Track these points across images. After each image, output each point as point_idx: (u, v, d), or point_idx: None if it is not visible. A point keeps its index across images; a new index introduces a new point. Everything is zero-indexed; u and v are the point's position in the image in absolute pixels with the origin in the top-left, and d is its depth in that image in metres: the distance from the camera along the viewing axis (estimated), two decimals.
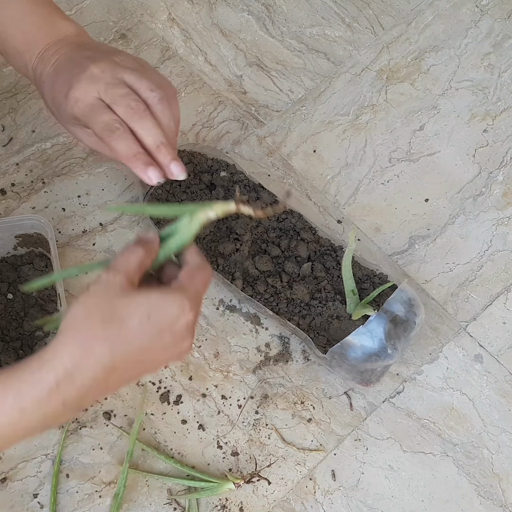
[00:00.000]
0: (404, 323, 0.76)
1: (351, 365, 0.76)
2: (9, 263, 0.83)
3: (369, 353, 0.74)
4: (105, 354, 0.49)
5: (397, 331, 0.76)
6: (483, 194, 0.93)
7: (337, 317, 0.77)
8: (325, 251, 0.82)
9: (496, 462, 0.80)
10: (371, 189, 0.93)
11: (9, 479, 0.75)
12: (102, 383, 0.50)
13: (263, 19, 1.02)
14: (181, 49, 0.99)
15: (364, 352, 0.74)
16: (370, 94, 0.98)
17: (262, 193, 0.83)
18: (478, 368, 0.84)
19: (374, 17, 1.03)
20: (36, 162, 0.90)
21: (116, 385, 0.53)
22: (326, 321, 0.78)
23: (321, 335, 0.78)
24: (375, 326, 0.74)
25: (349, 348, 0.75)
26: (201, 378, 0.81)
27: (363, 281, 0.79)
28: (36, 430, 0.51)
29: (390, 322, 0.75)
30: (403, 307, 0.76)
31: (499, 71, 1.00)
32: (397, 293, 0.76)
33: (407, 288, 0.78)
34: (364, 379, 0.78)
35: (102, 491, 0.76)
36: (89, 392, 0.50)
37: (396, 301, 0.76)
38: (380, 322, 0.74)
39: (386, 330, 0.75)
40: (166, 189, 0.82)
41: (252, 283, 0.80)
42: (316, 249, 0.82)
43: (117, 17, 0.99)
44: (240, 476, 0.76)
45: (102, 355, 0.49)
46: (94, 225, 0.88)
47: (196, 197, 0.82)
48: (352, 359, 0.75)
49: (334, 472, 0.79)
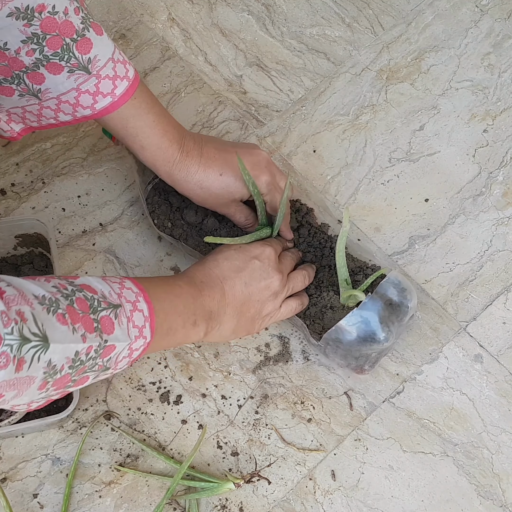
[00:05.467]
0: (397, 307, 0.77)
1: (345, 350, 0.76)
2: (9, 263, 0.83)
3: (364, 336, 0.75)
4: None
5: (391, 314, 0.76)
6: (483, 194, 0.93)
7: (331, 307, 0.77)
8: (320, 241, 0.82)
9: (496, 462, 0.80)
10: (371, 189, 0.93)
11: (9, 479, 0.75)
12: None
13: (263, 19, 1.02)
14: (181, 49, 0.99)
15: (358, 335, 0.75)
16: (370, 94, 0.98)
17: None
18: (478, 368, 0.84)
19: (374, 17, 1.03)
20: (36, 162, 0.90)
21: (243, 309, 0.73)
22: (320, 311, 0.78)
23: (316, 323, 0.78)
24: (369, 309, 0.75)
25: (344, 332, 0.75)
26: (201, 378, 0.81)
27: (356, 273, 0.79)
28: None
29: (384, 305, 0.76)
30: (396, 291, 0.77)
31: (499, 71, 1.00)
32: (389, 277, 0.77)
33: (399, 275, 0.79)
34: (359, 365, 0.78)
35: (102, 491, 0.76)
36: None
37: (389, 285, 0.77)
38: (374, 305, 0.75)
39: (380, 313, 0.75)
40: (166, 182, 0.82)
41: None
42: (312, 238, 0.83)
43: (117, 17, 0.99)
44: (240, 476, 0.76)
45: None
46: (94, 225, 0.88)
47: None
48: (346, 343, 0.75)
49: (334, 472, 0.79)
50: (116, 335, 0.58)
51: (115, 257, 0.86)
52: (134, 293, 0.61)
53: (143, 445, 0.77)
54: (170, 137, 0.75)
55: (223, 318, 0.71)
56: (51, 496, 0.75)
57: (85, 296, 0.57)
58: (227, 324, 0.72)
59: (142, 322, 0.60)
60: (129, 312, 0.59)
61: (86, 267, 0.85)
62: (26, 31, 0.63)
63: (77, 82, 0.68)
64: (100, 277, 0.60)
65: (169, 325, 0.64)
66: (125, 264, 0.86)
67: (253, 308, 0.73)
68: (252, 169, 0.76)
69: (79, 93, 0.68)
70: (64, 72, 0.67)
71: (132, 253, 0.87)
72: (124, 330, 0.58)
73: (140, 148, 0.75)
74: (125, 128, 0.73)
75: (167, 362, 0.81)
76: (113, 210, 0.89)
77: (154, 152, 0.75)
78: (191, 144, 0.76)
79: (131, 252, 0.87)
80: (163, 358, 0.82)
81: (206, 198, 0.77)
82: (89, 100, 0.69)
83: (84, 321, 0.55)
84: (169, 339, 0.66)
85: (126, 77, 0.70)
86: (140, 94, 0.72)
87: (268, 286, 0.73)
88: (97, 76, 0.68)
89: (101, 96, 0.69)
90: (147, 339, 0.61)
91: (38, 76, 0.67)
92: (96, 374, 0.59)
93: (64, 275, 0.57)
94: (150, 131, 0.73)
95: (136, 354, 0.61)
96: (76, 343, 0.54)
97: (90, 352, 0.55)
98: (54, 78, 0.67)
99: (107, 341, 0.57)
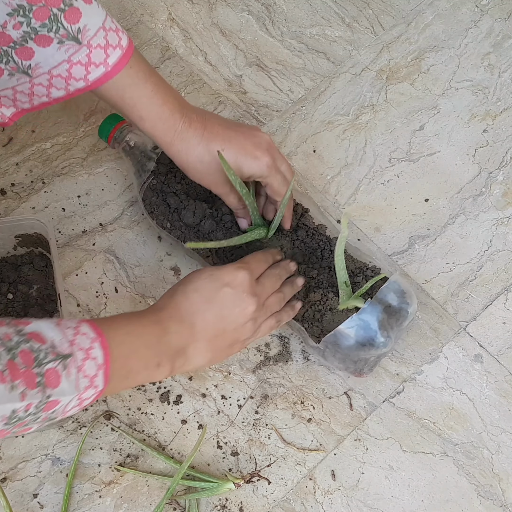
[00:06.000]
0: (397, 313, 0.77)
1: (344, 354, 0.76)
2: (9, 263, 0.83)
3: (362, 342, 0.75)
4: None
5: (390, 320, 0.76)
6: (483, 194, 0.93)
7: (330, 309, 0.77)
8: (319, 242, 0.82)
9: (496, 462, 0.80)
10: (371, 189, 0.93)
11: (9, 479, 0.75)
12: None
13: (263, 19, 1.02)
14: (181, 49, 0.99)
15: (357, 340, 0.75)
16: (370, 94, 0.98)
17: (258, 185, 0.83)
18: (478, 368, 0.84)
19: (374, 17, 1.03)
20: (36, 162, 0.90)
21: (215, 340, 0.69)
22: (319, 313, 0.78)
23: (315, 326, 0.78)
24: (368, 315, 0.75)
25: (343, 336, 0.75)
26: (201, 378, 0.81)
27: (355, 274, 0.79)
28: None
29: (383, 310, 0.75)
30: (396, 296, 0.77)
31: (499, 71, 1.00)
32: (390, 283, 0.77)
33: (399, 279, 0.78)
34: (357, 369, 0.78)
35: (102, 491, 0.76)
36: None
37: (389, 290, 0.76)
38: (373, 310, 0.75)
39: (379, 319, 0.75)
40: (161, 180, 0.82)
41: None
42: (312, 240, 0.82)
43: (117, 17, 0.99)
44: (240, 476, 0.76)
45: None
46: (94, 225, 0.88)
47: (190, 188, 0.83)
48: (345, 348, 0.75)
49: (334, 472, 0.79)
50: (62, 388, 0.54)
51: (115, 257, 0.86)
52: (90, 338, 0.57)
53: (143, 445, 0.77)
54: (171, 106, 0.72)
55: (193, 353, 0.67)
56: (51, 496, 0.75)
57: (31, 347, 0.53)
58: (198, 358, 0.68)
59: (94, 371, 0.57)
60: (81, 361, 0.56)
61: (86, 267, 0.85)
62: (11, 3, 0.61)
63: (68, 53, 0.65)
64: (55, 321, 0.57)
65: (128, 369, 0.61)
66: (125, 264, 0.86)
67: (230, 338, 0.69)
68: (254, 150, 0.74)
69: (71, 64, 0.66)
70: (54, 44, 0.64)
71: (132, 253, 0.87)
72: (72, 382, 0.55)
73: (139, 118, 0.72)
74: (122, 99, 0.71)
75: None
76: (113, 210, 0.89)
77: (154, 122, 0.72)
78: (194, 116, 0.74)
79: (131, 252, 0.87)
80: None
81: (204, 174, 0.75)
82: (82, 71, 0.67)
83: (25, 376, 0.52)
84: (129, 381, 0.62)
85: (119, 46, 0.68)
86: (136, 63, 0.70)
87: (244, 312, 0.69)
88: (88, 46, 0.66)
89: (93, 66, 0.67)
90: (99, 387, 0.57)
91: (27, 51, 0.64)
92: (40, 424, 0.56)
93: (16, 319, 0.57)
94: (148, 101, 0.71)
95: (87, 402, 0.58)
96: (12, 402, 0.51)
97: (29, 409, 0.52)
98: (44, 51, 0.65)
99: (50, 397, 0.53)
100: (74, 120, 0.92)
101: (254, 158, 0.74)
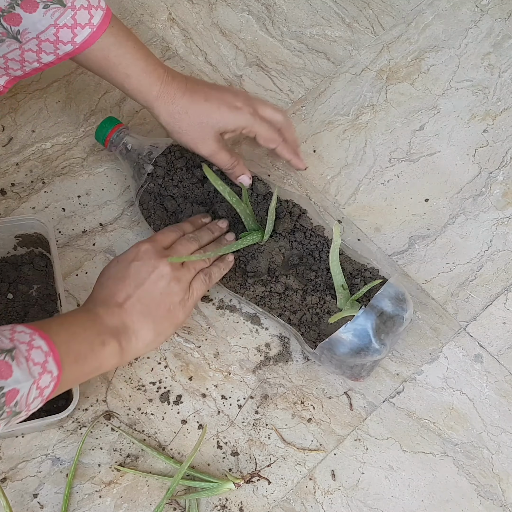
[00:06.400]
0: (392, 319, 0.76)
1: (340, 360, 0.76)
2: (9, 263, 0.83)
3: (358, 349, 0.75)
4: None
5: (386, 326, 0.76)
6: (483, 194, 0.93)
7: (328, 312, 0.77)
8: (316, 244, 0.81)
9: (496, 462, 0.80)
10: (371, 189, 0.93)
11: (9, 479, 0.75)
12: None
13: (263, 19, 1.02)
14: (181, 49, 0.99)
15: (352, 348, 0.75)
16: (370, 94, 0.98)
17: (257, 183, 0.82)
18: (478, 368, 0.84)
19: (374, 17, 1.03)
20: (36, 162, 0.90)
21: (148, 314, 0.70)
22: (317, 316, 0.77)
23: (312, 330, 0.78)
24: (363, 322, 0.74)
25: (338, 343, 0.75)
26: (201, 378, 0.81)
27: (353, 275, 0.79)
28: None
29: (378, 317, 0.75)
30: (390, 303, 0.76)
31: (499, 71, 1.00)
32: (384, 289, 0.76)
33: (396, 283, 0.78)
34: (354, 374, 0.78)
35: (102, 491, 0.76)
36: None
37: (383, 297, 0.76)
38: (368, 317, 0.75)
39: (374, 326, 0.75)
40: (158, 183, 0.82)
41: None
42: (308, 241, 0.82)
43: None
44: (240, 476, 0.76)
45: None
46: (94, 225, 0.88)
47: (188, 191, 0.83)
48: (340, 355, 0.75)
49: (334, 472, 0.79)
50: (16, 377, 0.55)
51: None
52: (27, 333, 0.58)
53: (143, 445, 0.77)
54: (153, 61, 0.76)
55: (133, 327, 0.68)
56: (51, 496, 0.75)
57: None
58: (142, 331, 0.69)
59: (42, 357, 0.57)
60: (26, 352, 0.56)
61: (86, 267, 0.85)
62: None
63: (54, 17, 0.67)
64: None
65: (75, 352, 0.62)
66: None
67: (162, 303, 0.70)
68: (234, 100, 0.78)
69: (58, 28, 0.68)
70: (40, 8, 0.66)
71: None
72: (25, 370, 0.55)
73: (125, 76, 0.74)
74: (107, 59, 0.73)
75: (167, 362, 0.81)
76: (113, 210, 0.89)
77: (140, 77, 0.75)
78: (175, 72, 0.78)
79: None
80: (163, 358, 0.82)
81: (190, 127, 0.77)
82: (69, 34, 0.69)
83: None
84: (82, 367, 0.63)
85: (100, 7, 0.70)
86: (116, 22, 0.73)
87: (160, 275, 0.70)
88: (72, 8, 0.68)
89: (79, 28, 0.69)
90: (54, 372, 0.58)
91: (14, 17, 0.66)
92: (7, 421, 0.56)
93: None
94: (133, 57, 0.74)
95: (48, 391, 0.58)
96: None
97: None
98: (31, 17, 0.67)
99: (3, 388, 0.54)
100: (74, 120, 0.93)
101: (236, 108, 0.78)
